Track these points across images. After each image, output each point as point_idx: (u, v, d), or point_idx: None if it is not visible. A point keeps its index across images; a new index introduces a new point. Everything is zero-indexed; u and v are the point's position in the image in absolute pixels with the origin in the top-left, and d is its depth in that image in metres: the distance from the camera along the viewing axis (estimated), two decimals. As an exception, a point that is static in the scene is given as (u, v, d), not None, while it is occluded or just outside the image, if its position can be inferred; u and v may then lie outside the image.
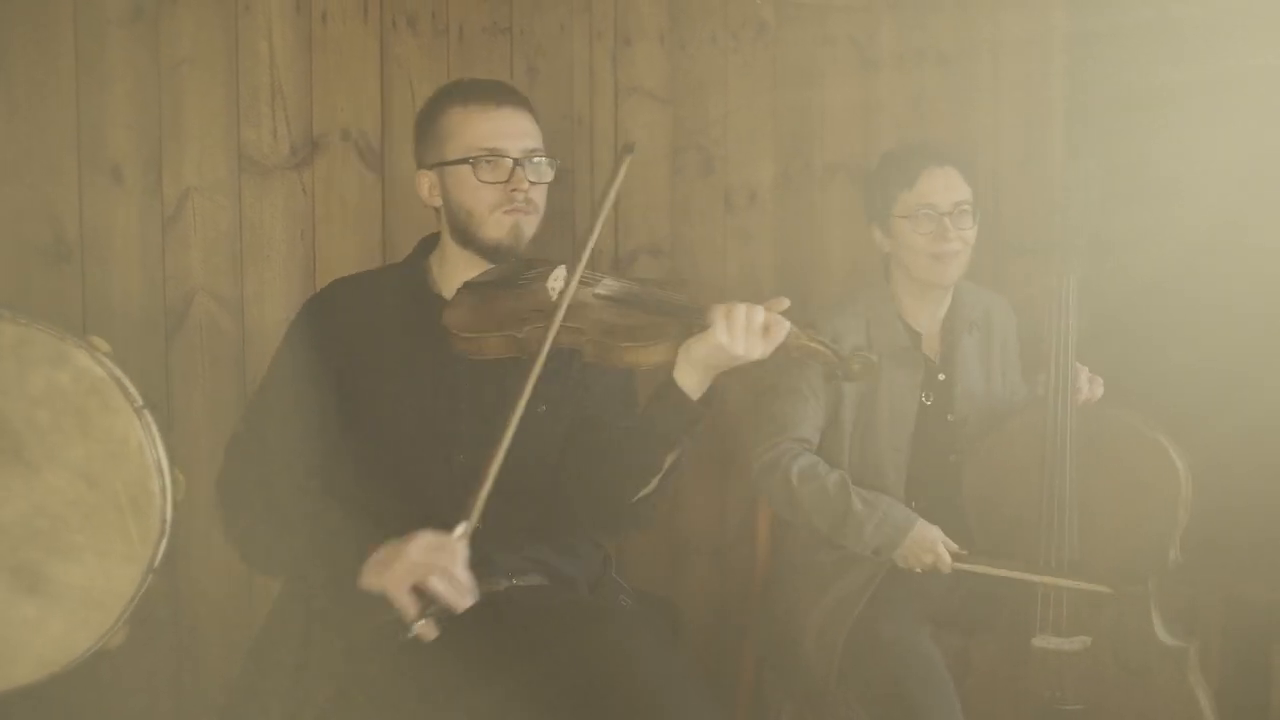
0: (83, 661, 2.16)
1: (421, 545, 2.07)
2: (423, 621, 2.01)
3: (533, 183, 2.34)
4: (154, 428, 2.09)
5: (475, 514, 2.07)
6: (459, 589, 2.04)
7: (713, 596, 3.41)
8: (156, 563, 2.12)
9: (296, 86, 2.88)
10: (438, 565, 2.04)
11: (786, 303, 2.13)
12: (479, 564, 2.29)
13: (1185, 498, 2.66)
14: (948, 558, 2.70)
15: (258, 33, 2.84)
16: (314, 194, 2.90)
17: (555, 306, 2.13)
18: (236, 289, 2.86)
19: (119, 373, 2.09)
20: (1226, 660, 2.99)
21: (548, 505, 2.39)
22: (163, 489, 2.07)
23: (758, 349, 2.08)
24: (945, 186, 2.80)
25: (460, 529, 2.06)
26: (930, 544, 2.71)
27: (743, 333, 2.07)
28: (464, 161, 2.31)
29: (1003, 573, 2.71)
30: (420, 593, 2.04)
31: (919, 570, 2.73)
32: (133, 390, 2.08)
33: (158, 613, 2.78)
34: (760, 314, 2.08)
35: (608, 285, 2.25)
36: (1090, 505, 2.69)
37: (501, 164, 2.32)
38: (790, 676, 2.88)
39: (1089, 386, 2.76)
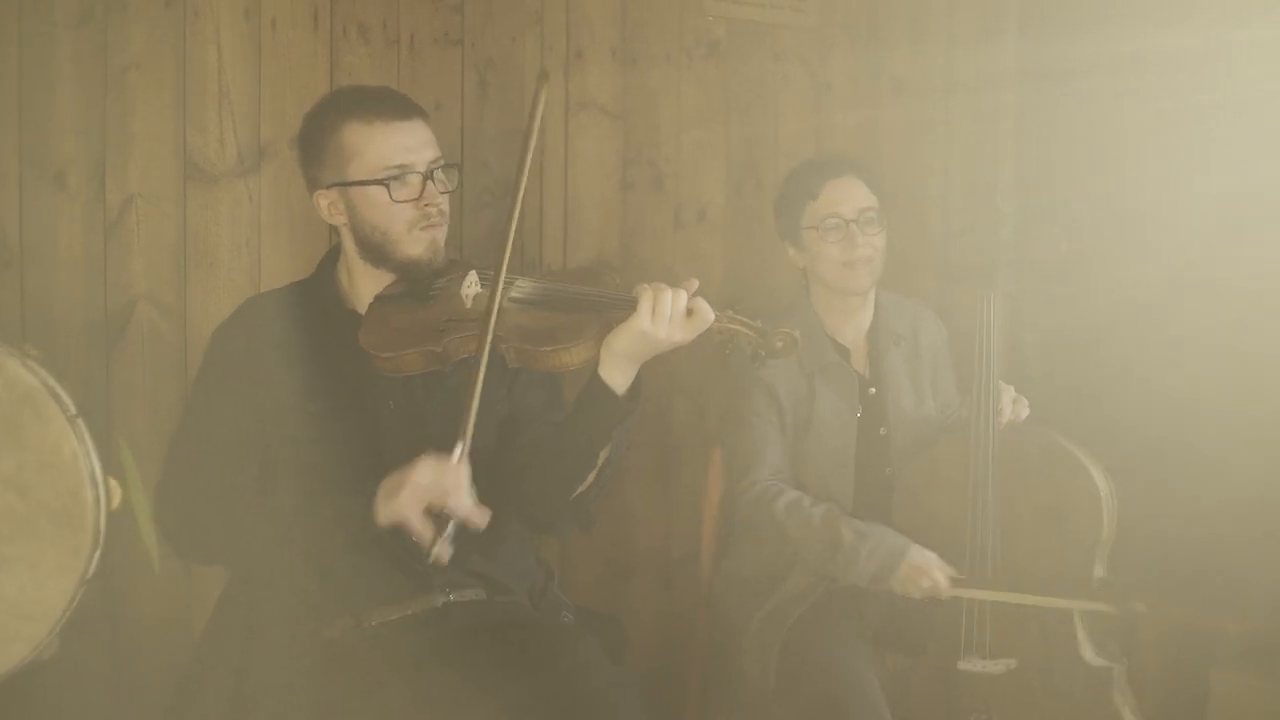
0: (15, 674, 2.12)
1: (426, 470, 2.09)
2: (440, 544, 2.05)
3: (441, 193, 2.33)
4: (88, 437, 2.04)
5: (468, 435, 2.09)
6: (471, 505, 2.08)
7: (659, 613, 3.41)
8: (90, 574, 2.08)
9: (244, 94, 2.85)
10: (446, 485, 2.07)
11: (697, 283, 2.16)
12: (414, 579, 2.28)
13: (1108, 516, 2.66)
14: (944, 582, 2.65)
15: (206, 39, 2.81)
16: (260, 202, 2.87)
17: (486, 315, 2.14)
18: (179, 297, 2.82)
19: (52, 381, 2.04)
20: (1164, 684, 3.01)
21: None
22: (96, 499, 2.03)
23: (679, 333, 2.12)
24: (849, 195, 2.84)
25: (458, 450, 2.09)
26: (926, 568, 2.65)
27: (666, 317, 2.09)
28: (376, 183, 2.28)
29: (1003, 598, 2.65)
30: (434, 515, 2.07)
31: (917, 596, 2.66)
32: (65, 398, 2.04)
33: (93, 625, 2.74)
34: (683, 298, 2.12)
35: (521, 287, 2.24)
36: (1012, 524, 2.69)
37: (412, 180, 2.30)
38: (731, 689, 2.88)
39: (1012, 407, 2.76)
